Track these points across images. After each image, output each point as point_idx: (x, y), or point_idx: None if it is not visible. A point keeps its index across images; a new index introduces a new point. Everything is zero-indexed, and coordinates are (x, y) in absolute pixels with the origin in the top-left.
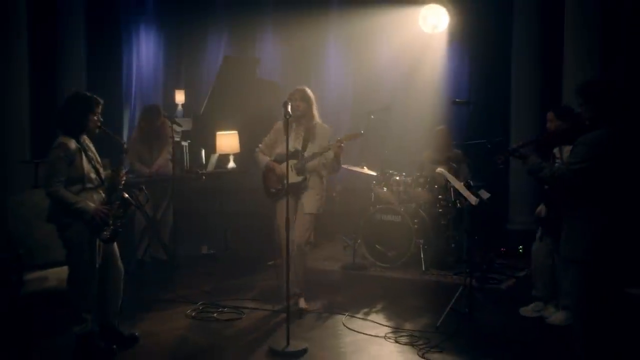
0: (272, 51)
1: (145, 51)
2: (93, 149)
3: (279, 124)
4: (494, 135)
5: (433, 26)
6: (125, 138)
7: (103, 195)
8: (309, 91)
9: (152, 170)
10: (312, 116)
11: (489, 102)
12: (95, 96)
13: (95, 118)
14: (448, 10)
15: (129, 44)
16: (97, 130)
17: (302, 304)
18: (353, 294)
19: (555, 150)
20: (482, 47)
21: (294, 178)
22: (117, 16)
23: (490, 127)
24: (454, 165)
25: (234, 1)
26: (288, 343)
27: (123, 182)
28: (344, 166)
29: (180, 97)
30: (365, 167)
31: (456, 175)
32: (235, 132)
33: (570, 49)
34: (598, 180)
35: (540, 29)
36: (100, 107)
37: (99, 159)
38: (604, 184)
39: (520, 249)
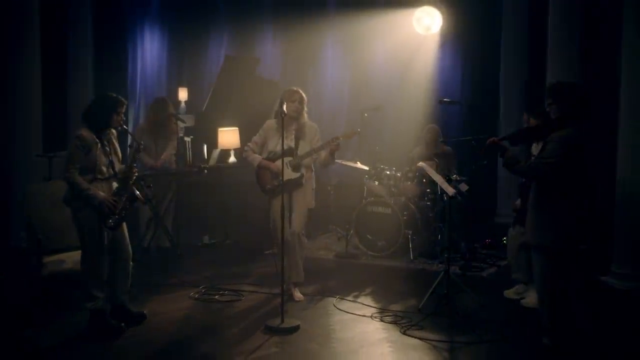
0: (271, 51)
1: (149, 50)
2: (116, 144)
3: (269, 123)
4: (483, 133)
5: (426, 27)
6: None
7: (114, 186)
8: (301, 91)
9: (157, 165)
10: (302, 115)
11: (480, 101)
12: (120, 97)
13: (119, 117)
14: (441, 12)
15: (133, 43)
16: (119, 128)
17: (297, 296)
18: (344, 280)
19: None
20: (473, 49)
21: (290, 174)
22: (123, 16)
23: (480, 126)
24: (436, 160)
25: (235, 2)
26: (282, 320)
27: (135, 177)
28: (339, 161)
29: (183, 94)
30: (358, 162)
31: (444, 170)
32: (236, 128)
33: (553, 52)
34: (567, 174)
35: (527, 32)
36: (124, 107)
37: (119, 154)
38: (572, 177)
39: (505, 240)
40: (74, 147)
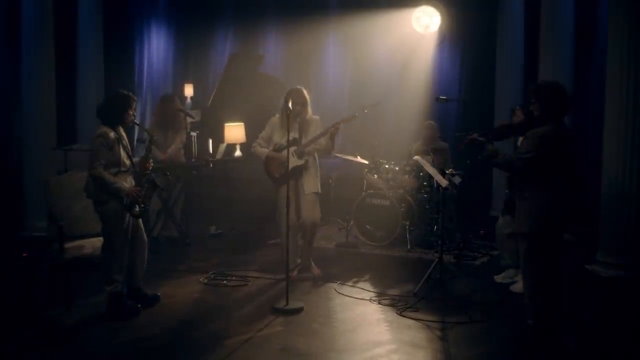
0: (275, 48)
1: (156, 47)
2: (126, 138)
3: (274, 119)
4: (479, 130)
5: (425, 26)
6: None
7: (133, 178)
8: (304, 91)
9: (165, 157)
10: (306, 111)
11: (476, 98)
12: (131, 94)
13: (131, 112)
14: (440, 11)
15: (140, 41)
16: (131, 123)
17: (315, 271)
18: (345, 268)
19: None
20: (470, 47)
21: (296, 162)
22: (131, 14)
23: (477, 123)
24: (432, 154)
25: (240, 1)
26: (287, 302)
27: (150, 168)
28: (339, 155)
29: (189, 90)
30: (358, 157)
31: (440, 164)
32: (242, 123)
33: (545, 52)
34: (543, 167)
35: (522, 32)
36: (135, 103)
37: (129, 147)
38: (553, 170)
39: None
40: (99, 145)
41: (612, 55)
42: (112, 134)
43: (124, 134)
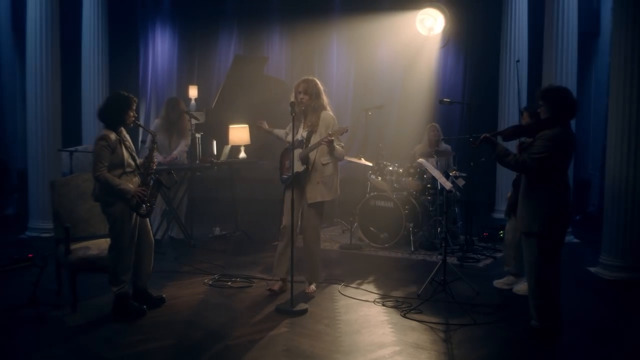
0: (279, 51)
1: (160, 49)
2: (129, 139)
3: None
4: (483, 132)
5: (429, 28)
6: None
7: (139, 178)
8: (313, 82)
9: (167, 159)
10: (317, 107)
11: (480, 101)
12: (131, 95)
13: (132, 114)
14: (444, 14)
15: (145, 42)
16: (132, 124)
17: (309, 289)
18: (349, 269)
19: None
20: (474, 50)
21: (298, 167)
22: (135, 17)
23: (481, 125)
24: (436, 157)
25: (244, 3)
26: (292, 304)
27: (155, 168)
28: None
29: (193, 92)
30: (362, 159)
31: (443, 166)
32: (246, 125)
33: (549, 54)
34: (553, 167)
35: (526, 34)
36: (135, 104)
37: (134, 148)
38: (558, 170)
39: (501, 233)
40: (101, 147)
41: (615, 56)
42: (113, 136)
43: (126, 135)
